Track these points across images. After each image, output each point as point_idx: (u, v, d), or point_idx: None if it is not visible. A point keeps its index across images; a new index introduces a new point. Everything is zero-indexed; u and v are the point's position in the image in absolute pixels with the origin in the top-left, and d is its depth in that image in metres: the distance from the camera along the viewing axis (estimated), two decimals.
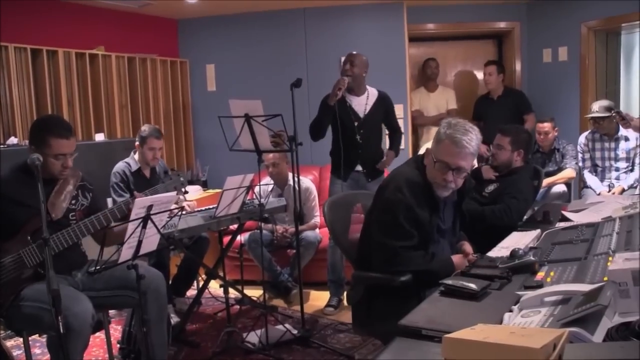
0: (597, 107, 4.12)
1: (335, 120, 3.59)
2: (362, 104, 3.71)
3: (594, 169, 4.32)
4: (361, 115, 3.69)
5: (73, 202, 2.51)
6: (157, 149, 3.65)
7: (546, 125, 4.42)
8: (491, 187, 3.04)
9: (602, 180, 4.26)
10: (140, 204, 2.20)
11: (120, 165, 3.66)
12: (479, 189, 3.10)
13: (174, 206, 2.48)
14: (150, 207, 2.22)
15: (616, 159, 4.18)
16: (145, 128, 3.69)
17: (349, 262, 2.53)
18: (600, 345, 1.15)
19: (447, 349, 1.12)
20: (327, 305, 3.82)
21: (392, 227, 2.14)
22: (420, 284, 2.09)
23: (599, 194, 4.08)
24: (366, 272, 2.30)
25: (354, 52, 3.70)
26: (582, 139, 4.39)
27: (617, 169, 4.19)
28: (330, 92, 3.53)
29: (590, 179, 4.29)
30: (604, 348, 1.13)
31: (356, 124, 3.67)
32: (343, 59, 3.75)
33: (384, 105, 3.78)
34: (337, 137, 3.68)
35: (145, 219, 2.22)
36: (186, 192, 2.83)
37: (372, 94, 3.77)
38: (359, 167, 3.74)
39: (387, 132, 4.02)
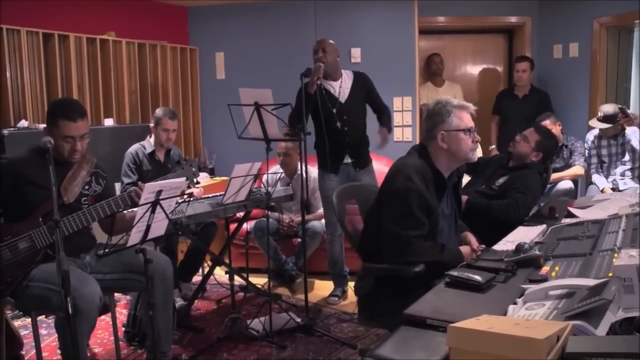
0: (602, 115, 4.08)
1: (315, 110, 3.46)
2: (338, 88, 3.60)
3: (600, 166, 4.32)
4: (340, 100, 3.59)
5: (86, 187, 2.54)
6: (171, 130, 3.69)
7: (546, 124, 4.36)
8: (501, 180, 3.03)
9: (607, 177, 4.25)
10: (150, 188, 2.23)
11: (134, 147, 3.71)
12: (489, 182, 3.09)
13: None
14: (159, 192, 2.24)
15: (623, 155, 4.17)
16: (159, 109, 3.76)
17: (357, 252, 2.50)
18: (603, 339, 1.16)
19: (452, 337, 1.13)
20: (331, 294, 3.84)
21: (405, 216, 2.14)
22: (430, 275, 2.09)
23: (602, 191, 4.08)
24: (374, 263, 2.28)
25: (323, 39, 3.63)
26: (589, 136, 4.37)
27: (623, 163, 4.17)
28: (309, 80, 3.37)
29: (595, 176, 4.29)
30: (606, 341, 1.14)
31: (334, 110, 3.56)
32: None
33: (362, 85, 3.66)
34: (319, 128, 3.56)
35: (154, 204, 2.24)
36: (197, 183, 2.83)
37: (347, 77, 3.67)
38: (347, 159, 3.64)
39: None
